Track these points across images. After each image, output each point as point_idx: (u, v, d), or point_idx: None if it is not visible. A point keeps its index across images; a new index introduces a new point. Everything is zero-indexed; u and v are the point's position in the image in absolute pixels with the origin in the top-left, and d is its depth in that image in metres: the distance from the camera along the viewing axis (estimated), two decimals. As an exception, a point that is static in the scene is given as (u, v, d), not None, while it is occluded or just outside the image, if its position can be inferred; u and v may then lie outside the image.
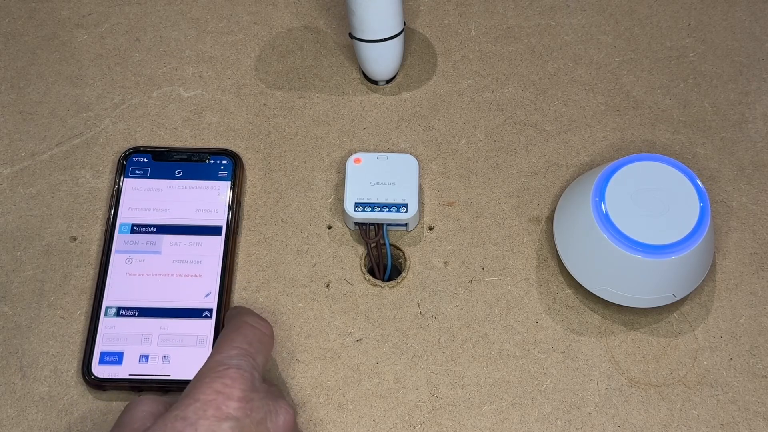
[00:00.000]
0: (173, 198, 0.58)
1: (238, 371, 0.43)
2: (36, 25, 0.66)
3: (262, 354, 0.46)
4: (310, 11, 0.67)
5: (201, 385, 0.42)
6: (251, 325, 0.46)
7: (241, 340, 0.45)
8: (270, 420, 0.42)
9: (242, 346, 0.45)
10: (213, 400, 0.41)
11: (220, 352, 0.44)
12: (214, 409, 0.41)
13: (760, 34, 0.66)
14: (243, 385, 0.42)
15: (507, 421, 0.52)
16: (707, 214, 0.52)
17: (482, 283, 0.57)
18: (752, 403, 0.53)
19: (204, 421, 0.40)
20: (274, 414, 0.43)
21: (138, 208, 0.57)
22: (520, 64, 0.65)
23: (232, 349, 0.44)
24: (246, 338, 0.45)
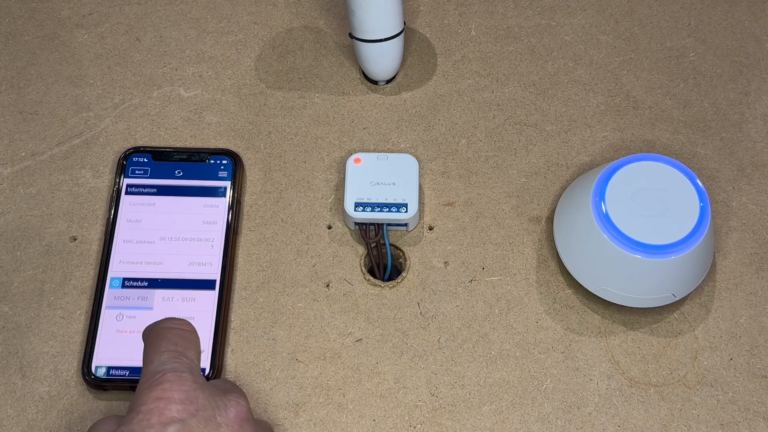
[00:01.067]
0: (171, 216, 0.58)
1: (175, 374, 0.42)
2: (36, 25, 0.66)
3: (191, 350, 0.44)
4: (310, 11, 0.67)
5: (141, 396, 0.42)
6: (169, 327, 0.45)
7: (166, 344, 0.44)
8: (219, 415, 0.42)
9: (170, 348, 0.44)
10: (155, 408, 0.41)
11: (150, 362, 0.43)
12: (158, 416, 0.40)
13: (760, 34, 0.66)
14: (183, 386, 0.42)
15: (507, 421, 0.52)
16: (707, 214, 0.52)
17: (482, 283, 0.57)
18: (752, 403, 0.53)
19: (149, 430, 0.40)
20: (223, 409, 0.42)
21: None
22: (520, 64, 0.65)
23: (161, 355, 0.43)
24: (170, 341, 0.44)
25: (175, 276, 0.55)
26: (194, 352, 0.44)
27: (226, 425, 0.42)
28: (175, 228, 0.57)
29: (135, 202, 0.58)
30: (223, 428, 0.42)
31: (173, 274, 0.55)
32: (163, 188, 0.58)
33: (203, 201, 0.58)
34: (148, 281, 0.55)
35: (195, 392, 0.42)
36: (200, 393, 0.42)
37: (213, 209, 0.58)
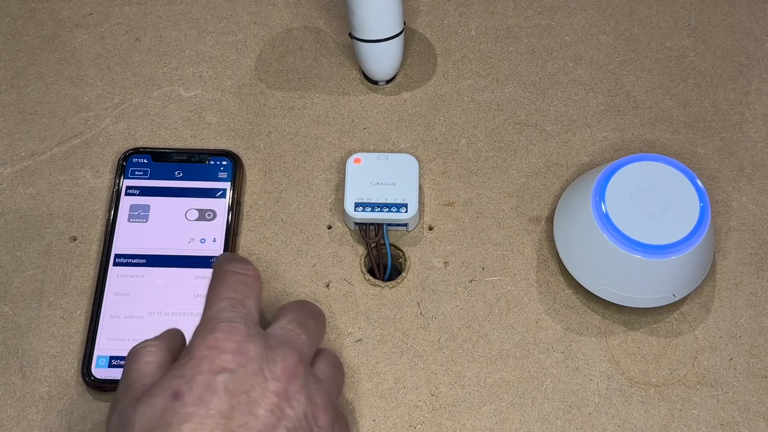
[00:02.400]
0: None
1: (229, 324, 0.43)
2: (36, 25, 0.66)
3: (251, 298, 0.45)
4: (310, 11, 0.67)
5: (195, 343, 0.43)
6: (233, 271, 0.46)
7: (226, 291, 0.45)
8: (267, 369, 0.42)
9: (229, 296, 0.45)
10: (206, 356, 0.42)
11: (209, 308, 0.44)
12: (208, 364, 0.41)
13: (760, 34, 0.66)
14: (235, 337, 0.42)
15: (507, 421, 0.52)
16: (707, 214, 0.52)
17: (482, 283, 0.57)
18: (752, 403, 0.53)
19: (200, 377, 0.41)
20: (271, 363, 0.43)
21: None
22: (520, 64, 0.65)
23: (220, 302, 0.44)
24: (230, 287, 0.45)
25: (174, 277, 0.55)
26: (253, 299, 0.45)
27: (273, 378, 0.42)
28: (175, 228, 0.57)
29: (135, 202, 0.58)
30: (270, 381, 0.42)
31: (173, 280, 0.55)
32: (162, 189, 0.58)
33: (203, 202, 0.58)
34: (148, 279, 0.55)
35: (246, 344, 0.43)
36: (251, 345, 0.43)
37: (213, 210, 0.58)
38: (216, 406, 0.40)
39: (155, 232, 0.57)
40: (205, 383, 0.41)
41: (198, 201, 0.58)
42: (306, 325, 0.47)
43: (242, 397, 0.41)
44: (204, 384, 0.41)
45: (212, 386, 0.41)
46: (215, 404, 0.40)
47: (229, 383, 0.41)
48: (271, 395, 0.42)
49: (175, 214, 0.57)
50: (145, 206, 0.58)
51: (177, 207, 0.58)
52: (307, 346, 0.46)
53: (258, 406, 0.41)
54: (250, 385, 0.42)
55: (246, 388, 0.41)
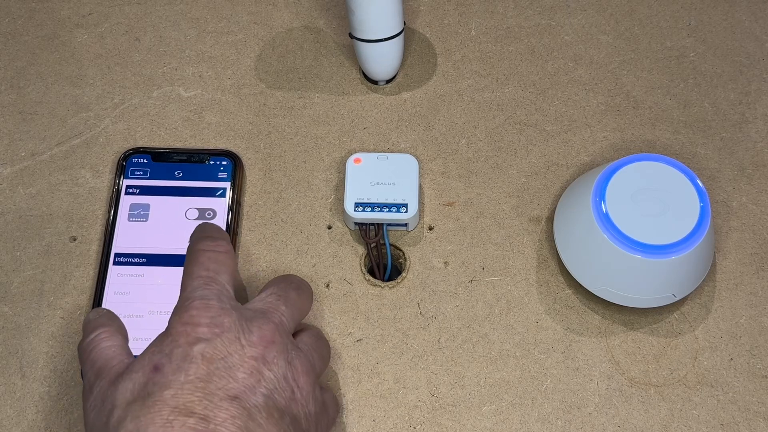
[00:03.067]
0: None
1: (202, 301, 0.45)
2: (36, 25, 0.66)
3: (224, 273, 0.47)
4: (310, 11, 0.67)
5: (172, 322, 0.45)
6: (204, 250, 0.48)
7: (198, 269, 0.46)
8: (243, 338, 0.44)
9: (201, 274, 0.46)
10: (183, 331, 0.44)
11: (184, 288, 0.46)
12: (185, 337, 0.43)
13: (760, 34, 0.66)
14: (210, 312, 0.44)
15: (507, 421, 0.52)
16: (707, 214, 0.52)
17: (482, 283, 0.57)
18: (752, 403, 0.53)
19: (177, 350, 0.43)
20: (247, 332, 0.44)
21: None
22: (520, 64, 0.65)
23: (193, 281, 0.46)
24: (203, 265, 0.47)
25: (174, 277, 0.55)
26: (226, 275, 0.47)
27: (249, 345, 0.44)
28: (174, 228, 0.57)
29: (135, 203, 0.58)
30: (246, 348, 0.44)
31: (173, 279, 0.55)
32: (162, 189, 0.58)
33: (203, 201, 0.58)
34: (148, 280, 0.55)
35: (221, 317, 0.44)
36: (226, 317, 0.44)
37: (213, 210, 0.58)
38: (194, 372, 0.42)
39: (155, 231, 0.57)
40: (183, 354, 0.43)
41: (198, 200, 0.58)
42: (286, 297, 0.48)
43: (220, 362, 0.43)
44: (181, 355, 0.43)
45: (189, 355, 0.43)
46: (194, 371, 0.42)
47: (206, 351, 0.43)
48: (249, 360, 0.44)
49: (175, 214, 0.57)
50: (145, 206, 0.58)
51: (177, 207, 0.58)
52: (287, 317, 0.47)
53: (236, 370, 0.43)
54: (227, 352, 0.43)
55: (223, 354, 0.43)
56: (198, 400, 0.41)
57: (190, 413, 0.41)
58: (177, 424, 0.40)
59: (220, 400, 0.42)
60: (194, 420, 0.41)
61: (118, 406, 0.42)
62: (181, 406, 0.41)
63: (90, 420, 0.44)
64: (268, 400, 0.43)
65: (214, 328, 0.44)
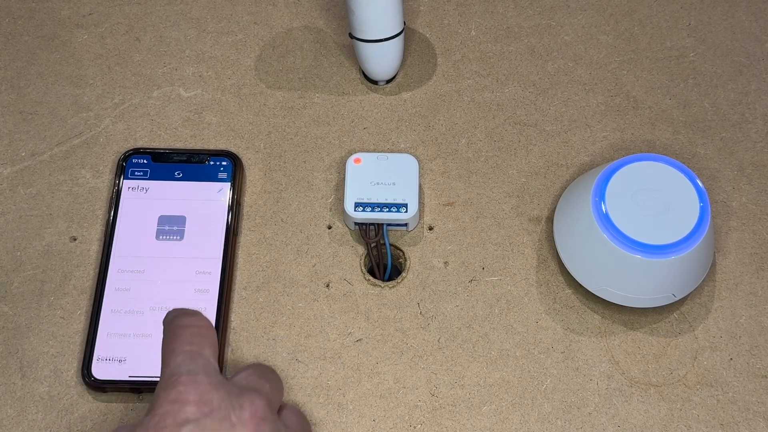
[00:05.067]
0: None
1: (189, 376, 0.42)
2: (36, 25, 0.66)
3: (207, 347, 0.44)
4: (310, 11, 0.67)
5: (157, 400, 0.42)
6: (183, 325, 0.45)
7: (181, 345, 0.44)
8: (234, 415, 0.42)
9: (185, 349, 0.44)
10: (169, 411, 0.41)
11: (167, 365, 0.43)
12: (172, 417, 0.41)
13: (760, 34, 0.66)
14: (197, 389, 0.42)
15: (507, 421, 0.52)
16: (707, 214, 0.52)
17: (482, 283, 0.57)
18: (752, 403, 0.53)
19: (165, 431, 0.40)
20: (238, 409, 0.42)
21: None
22: (520, 64, 0.65)
23: (177, 356, 0.43)
24: (184, 340, 0.44)
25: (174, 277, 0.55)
26: (210, 349, 0.44)
27: (241, 424, 0.42)
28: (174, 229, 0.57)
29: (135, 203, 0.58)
30: (237, 427, 0.41)
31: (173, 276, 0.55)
32: (162, 189, 0.58)
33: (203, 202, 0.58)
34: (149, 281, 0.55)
35: (209, 394, 0.42)
36: (215, 394, 0.42)
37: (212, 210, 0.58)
38: None
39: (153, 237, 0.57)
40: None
41: (198, 201, 0.58)
42: (267, 377, 0.46)
43: None
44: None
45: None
46: None
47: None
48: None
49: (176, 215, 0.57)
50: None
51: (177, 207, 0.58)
52: (273, 395, 0.45)
53: None
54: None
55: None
56: None
57: None
58: None
59: None
60: None
61: None
62: None
63: None
64: None
65: (203, 407, 0.41)
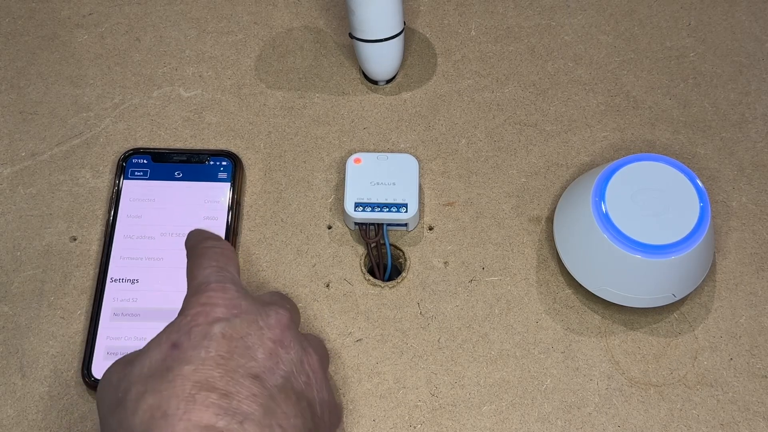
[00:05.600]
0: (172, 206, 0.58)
1: (218, 284, 0.44)
2: (36, 25, 0.66)
3: (232, 266, 0.47)
4: (310, 11, 0.67)
5: (188, 303, 0.44)
6: (209, 246, 0.47)
7: (208, 261, 0.46)
8: (261, 320, 0.44)
9: (212, 264, 0.46)
10: (201, 311, 0.43)
11: (195, 277, 0.46)
12: (204, 317, 0.43)
13: (760, 34, 0.66)
14: (226, 294, 0.44)
15: (507, 421, 0.52)
16: (707, 214, 0.52)
17: (482, 283, 0.57)
18: (752, 403, 0.53)
19: (196, 328, 0.42)
20: (264, 315, 0.44)
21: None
22: (520, 64, 0.65)
23: (204, 270, 0.46)
24: (211, 258, 0.46)
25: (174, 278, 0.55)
26: (234, 268, 0.47)
27: (268, 328, 0.44)
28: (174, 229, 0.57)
29: (134, 203, 0.58)
30: (264, 330, 0.44)
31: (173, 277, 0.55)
32: (162, 189, 0.58)
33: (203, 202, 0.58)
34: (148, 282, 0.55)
35: (238, 299, 0.44)
36: (243, 300, 0.44)
37: (213, 211, 0.58)
38: (215, 348, 0.42)
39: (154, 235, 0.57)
40: (202, 332, 0.42)
41: (198, 201, 0.58)
42: (288, 299, 0.49)
43: (239, 342, 0.42)
44: (201, 333, 0.42)
45: (209, 333, 0.42)
46: (214, 347, 0.42)
47: (226, 330, 0.42)
48: (267, 341, 0.43)
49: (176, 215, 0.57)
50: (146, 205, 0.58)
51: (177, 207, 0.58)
52: (294, 312, 0.47)
53: (256, 350, 0.43)
54: (246, 332, 0.43)
55: (242, 334, 0.43)
56: (219, 376, 0.41)
57: (212, 388, 0.40)
58: (200, 398, 0.40)
59: (242, 377, 0.41)
60: (216, 395, 0.40)
61: (136, 382, 0.41)
62: (202, 380, 0.40)
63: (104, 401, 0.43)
64: (286, 383, 0.43)
65: (233, 309, 0.44)
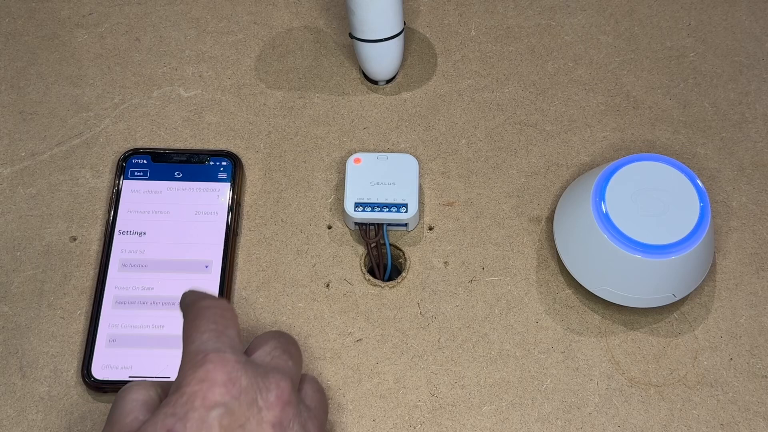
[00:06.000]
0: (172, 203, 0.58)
1: (218, 354, 0.41)
2: (36, 25, 0.66)
3: (231, 328, 0.44)
4: (310, 11, 0.67)
5: (185, 377, 0.41)
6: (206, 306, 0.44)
7: (206, 324, 0.43)
8: (261, 398, 0.41)
9: (210, 328, 0.43)
10: (198, 390, 0.40)
11: (192, 342, 0.43)
12: (201, 399, 0.40)
13: (760, 34, 0.66)
14: (226, 368, 0.41)
15: (507, 421, 0.52)
16: (707, 214, 0.52)
17: (482, 283, 0.57)
18: (752, 403, 0.53)
19: (193, 413, 0.40)
20: (264, 391, 0.42)
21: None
22: (520, 64, 0.65)
23: (202, 334, 0.43)
24: (209, 319, 0.43)
25: (175, 276, 0.55)
26: (234, 330, 0.44)
27: (267, 408, 0.41)
28: (174, 228, 0.57)
29: (135, 203, 0.58)
30: (264, 412, 0.41)
31: (173, 275, 0.55)
32: (162, 189, 0.58)
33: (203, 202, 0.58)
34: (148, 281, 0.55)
35: (238, 373, 0.41)
36: (243, 374, 0.41)
37: (213, 211, 0.58)
38: None
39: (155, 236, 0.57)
40: (200, 420, 0.40)
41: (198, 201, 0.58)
42: (290, 352, 0.46)
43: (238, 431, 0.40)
44: (198, 421, 0.39)
45: (207, 422, 0.39)
46: None
47: (224, 419, 0.40)
48: (266, 426, 0.41)
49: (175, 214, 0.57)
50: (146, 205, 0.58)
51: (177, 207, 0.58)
52: (295, 373, 0.45)
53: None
54: (245, 418, 0.40)
55: (241, 421, 0.40)
56: None
57: None
58: None
59: None
60: None
61: None
62: None
63: None
64: None
65: (232, 388, 0.41)
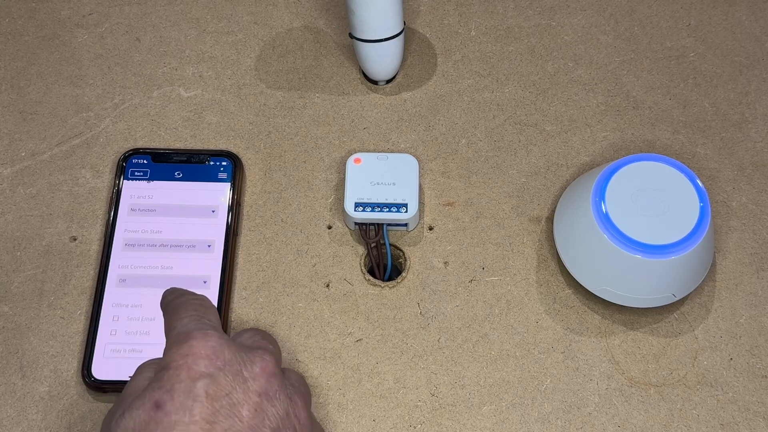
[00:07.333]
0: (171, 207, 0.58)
1: (200, 331, 0.43)
2: (36, 25, 0.66)
3: (211, 314, 0.45)
4: (310, 11, 0.67)
5: (169, 355, 0.43)
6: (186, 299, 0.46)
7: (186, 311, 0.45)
8: (246, 370, 0.43)
9: (191, 314, 0.45)
10: (183, 364, 0.42)
11: (173, 328, 0.44)
12: (186, 371, 0.41)
13: (760, 34, 0.66)
14: (209, 342, 0.43)
15: (507, 421, 0.52)
16: (707, 214, 0.52)
17: (482, 283, 0.57)
18: (752, 403, 0.53)
19: (179, 385, 0.41)
20: (249, 363, 0.43)
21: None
22: (520, 64, 0.65)
23: (182, 319, 0.44)
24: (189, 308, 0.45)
25: (175, 276, 0.55)
26: (213, 316, 0.45)
27: (252, 379, 0.43)
28: (175, 228, 0.57)
29: (135, 203, 0.58)
30: (249, 382, 0.42)
31: (173, 274, 0.55)
32: (162, 189, 0.58)
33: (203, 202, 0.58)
34: (148, 281, 0.55)
35: (221, 348, 0.43)
36: (226, 348, 0.43)
37: (213, 211, 0.58)
38: (199, 411, 0.40)
39: None
40: (186, 390, 0.41)
41: (198, 201, 0.58)
42: (270, 339, 0.47)
43: (224, 400, 0.41)
44: (184, 391, 0.41)
45: (193, 393, 0.41)
46: (198, 410, 0.40)
47: (210, 388, 0.41)
48: (252, 395, 0.42)
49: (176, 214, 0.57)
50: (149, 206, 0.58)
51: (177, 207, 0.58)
52: (277, 354, 0.46)
53: (241, 407, 0.41)
54: (230, 388, 0.42)
55: (227, 390, 0.41)
56: None
57: None
58: None
59: None
60: None
61: None
62: None
63: None
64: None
65: (216, 360, 0.42)
